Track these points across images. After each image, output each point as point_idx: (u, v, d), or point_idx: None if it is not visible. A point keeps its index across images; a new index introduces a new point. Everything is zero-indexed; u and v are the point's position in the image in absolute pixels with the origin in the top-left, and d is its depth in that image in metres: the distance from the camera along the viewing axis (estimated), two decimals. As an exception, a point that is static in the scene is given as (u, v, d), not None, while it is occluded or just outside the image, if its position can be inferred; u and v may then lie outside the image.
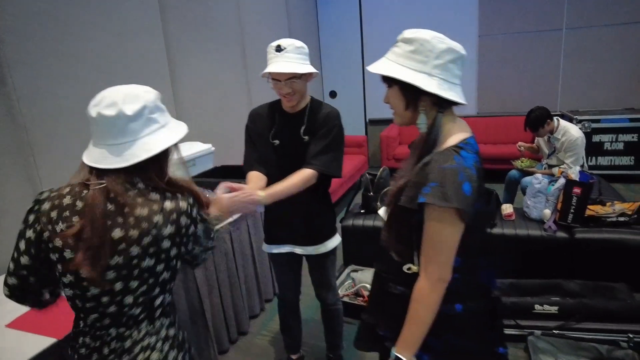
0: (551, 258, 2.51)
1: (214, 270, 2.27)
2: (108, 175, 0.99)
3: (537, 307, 2.28)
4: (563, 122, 3.37)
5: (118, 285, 1.00)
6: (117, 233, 0.96)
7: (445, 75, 1.02)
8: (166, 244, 1.03)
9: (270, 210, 1.87)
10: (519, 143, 3.76)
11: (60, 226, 0.98)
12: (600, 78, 5.13)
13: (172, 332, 1.12)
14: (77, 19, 2.37)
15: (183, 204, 1.05)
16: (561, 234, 2.52)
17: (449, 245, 1.00)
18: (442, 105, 1.03)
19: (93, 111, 1.00)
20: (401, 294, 1.11)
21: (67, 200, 1.01)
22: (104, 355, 1.06)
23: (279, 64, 1.59)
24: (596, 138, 4.78)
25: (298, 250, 1.87)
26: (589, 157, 4.79)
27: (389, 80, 1.06)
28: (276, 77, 1.63)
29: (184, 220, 1.05)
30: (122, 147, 0.99)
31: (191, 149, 2.91)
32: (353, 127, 6.15)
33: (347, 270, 2.93)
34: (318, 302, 2.06)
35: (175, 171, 1.12)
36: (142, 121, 1.00)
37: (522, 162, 3.68)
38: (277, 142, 1.77)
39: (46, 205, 1.02)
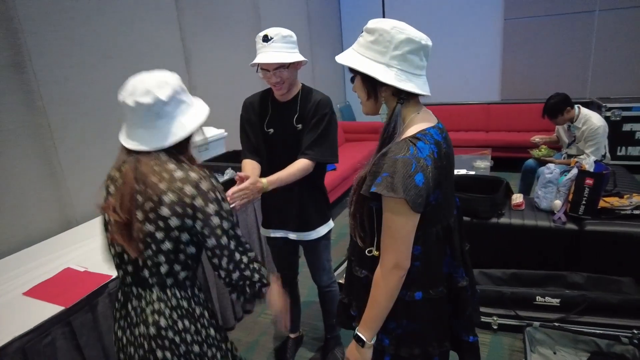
0: (558, 250, 2.46)
1: (219, 251, 2.36)
2: (142, 155, 1.10)
3: (538, 298, 2.26)
4: (585, 110, 3.24)
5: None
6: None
7: (404, 66, 1.01)
8: (165, 211, 1.06)
9: (265, 197, 1.89)
10: (534, 136, 3.65)
11: (107, 197, 1.17)
12: (634, 63, 4.86)
13: (184, 303, 1.17)
14: (93, 7, 2.47)
15: (193, 175, 1.09)
16: (570, 226, 2.46)
17: (402, 234, 1.01)
18: (402, 95, 1.04)
19: (129, 100, 1.07)
20: (364, 277, 1.15)
21: (116, 174, 1.17)
22: (128, 311, 1.21)
23: (266, 55, 1.62)
24: (627, 127, 4.56)
25: (292, 235, 1.92)
26: (619, 147, 4.59)
27: (353, 70, 1.07)
28: (265, 67, 1.66)
29: (188, 189, 1.06)
30: (161, 129, 1.09)
31: (205, 133, 3.00)
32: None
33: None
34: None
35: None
36: (174, 104, 1.10)
37: (539, 151, 3.57)
38: (271, 130, 1.80)
39: (110, 174, 1.20)
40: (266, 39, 1.63)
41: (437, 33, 5.53)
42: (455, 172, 3.78)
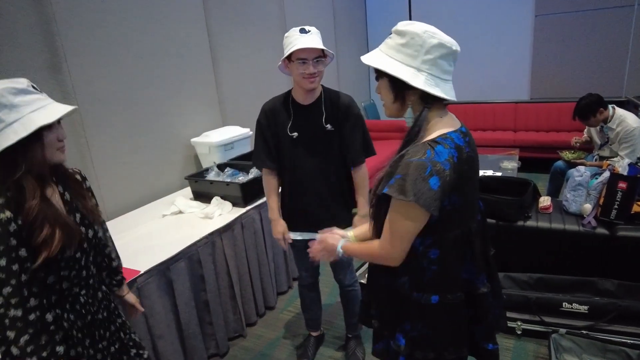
0: (587, 255, 2.39)
1: (243, 248, 2.41)
2: None
3: (565, 304, 2.20)
4: (620, 111, 3.12)
5: None
6: None
7: (433, 71, 1.01)
8: None
9: (291, 199, 1.93)
10: (575, 138, 3.52)
11: None
12: (675, 61, 4.64)
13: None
14: (123, 8, 2.55)
15: None
16: (601, 231, 2.38)
17: (403, 234, 1.04)
18: (429, 100, 1.04)
19: None
20: (383, 278, 1.16)
21: None
22: None
23: (307, 41, 1.62)
24: (665, 128, 4.35)
25: (318, 237, 1.93)
26: (656, 149, 4.40)
27: (379, 72, 1.07)
28: (304, 56, 1.65)
29: None
30: None
31: (230, 132, 3.05)
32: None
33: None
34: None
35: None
36: None
37: (570, 153, 3.47)
38: (295, 134, 1.81)
39: None
40: (304, 30, 1.66)
41: (465, 30, 5.43)
42: (482, 172, 3.75)
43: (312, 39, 1.64)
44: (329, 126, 1.79)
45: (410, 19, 5.72)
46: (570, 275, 2.37)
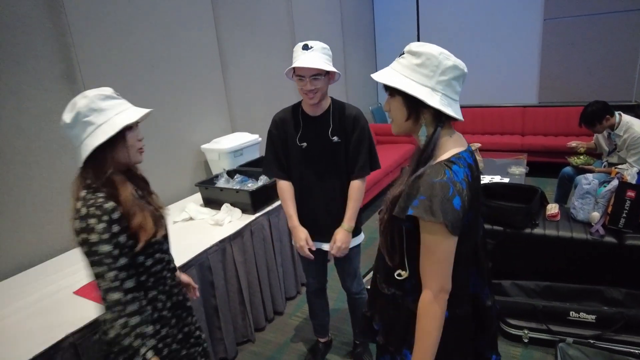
0: (595, 264, 2.39)
1: (252, 254, 2.45)
2: (78, 175, 1.19)
3: (572, 313, 2.21)
4: (626, 117, 3.11)
5: None
6: None
7: (447, 91, 1.04)
8: (77, 238, 1.14)
9: (298, 208, 1.95)
10: (572, 141, 3.52)
11: None
12: (685, 65, 4.61)
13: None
14: (135, 17, 2.60)
15: (83, 210, 1.11)
16: (609, 239, 2.38)
17: (445, 257, 1.02)
18: (441, 119, 1.06)
19: None
20: (391, 295, 1.18)
21: None
22: None
23: (305, 60, 1.66)
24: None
25: (325, 246, 1.97)
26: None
27: (392, 90, 1.08)
28: (301, 73, 1.70)
29: (77, 224, 1.12)
30: (77, 151, 1.16)
31: (239, 139, 3.09)
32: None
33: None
34: (345, 291, 2.16)
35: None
36: (79, 126, 1.13)
37: (578, 158, 3.46)
38: (304, 144, 1.85)
39: None
40: (306, 47, 1.69)
41: (473, 33, 5.43)
42: (489, 178, 3.73)
43: (312, 57, 1.67)
44: (335, 138, 1.83)
45: (418, 24, 5.73)
46: (577, 284, 2.38)
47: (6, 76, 1.97)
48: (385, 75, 1.08)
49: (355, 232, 1.95)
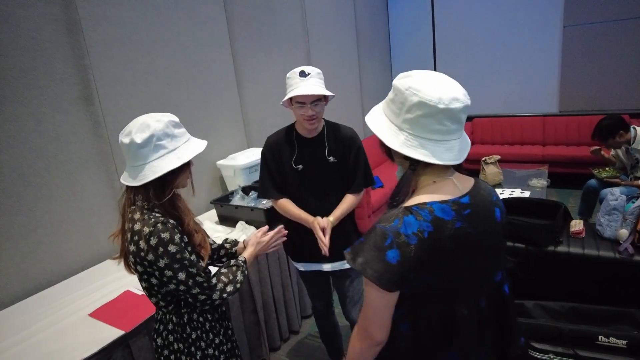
0: (624, 284, 2.28)
1: (267, 273, 2.42)
2: (127, 192, 1.27)
3: (601, 338, 2.10)
4: None
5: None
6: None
7: (416, 131, 0.91)
8: (132, 258, 1.23)
9: (295, 230, 1.89)
10: (593, 148, 3.37)
11: None
12: None
13: (179, 329, 1.34)
14: (151, 38, 2.63)
15: (145, 229, 1.18)
16: (639, 258, 2.28)
17: (374, 306, 0.93)
18: (414, 162, 0.94)
19: (119, 138, 1.23)
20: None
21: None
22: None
23: (307, 87, 1.67)
24: None
25: (325, 267, 1.93)
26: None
27: None
28: (302, 100, 1.71)
29: (142, 244, 1.18)
30: (137, 169, 1.20)
31: (255, 155, 3.09)
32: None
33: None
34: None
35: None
36: (150, 148, 1.19)
37: (603, 171, 3.34)
38: (300, 167, 1.85)
39: None
40: (303, 74, 1.71)
41: (491, 41, 5.35)
42: (509, 192, 3.62)
43: (311, 84, 1.69)
44: (331, 158, 1.84)
45: (434, 33, 5.68)
46: (606, 306, 2.27)
47: (26, 99, 2.01)
48: (372, 111, 1.05)
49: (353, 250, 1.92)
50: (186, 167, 1.28)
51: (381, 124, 0.98)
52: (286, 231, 1.65)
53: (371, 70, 5.62)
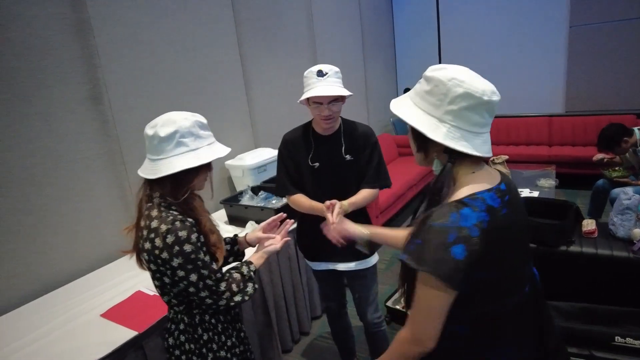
0: (638, 284, 2.26)
1: (278, 274, 2.40)
2: (144, 186, 1.26)
3: (617, 339, 2.08)
4: None
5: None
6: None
7: (458, 123, 0.90)
8: (146, 256, 1.22)
9: (311, 228, 1.88)
10: (597, 155, 3.37)
11: None
12: None
13: (191, 329, 1.31)
14: (159, 38, 2.62)
15: (163, 227, 1.16)
16: (653, 258, 2.25)
17: (429, 309, 0.90)
18: (453, 154, 0.92)
19: (145, 130, 1.23)
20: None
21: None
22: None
23: (324, 88, 1.65)
24: None
25: (340, 267, 1.91)
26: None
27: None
28: (319, 101, 1.69)
29: (158, 242, 1.17)
30: (156, 163, 1.19)
31: (262, 155, 3.07)
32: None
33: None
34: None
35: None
36: (173, 143, 1.17)
37: (613, 171, 3.32)
38: (316, 164, 1.83)
39: None
40: (321, 73, 1.68)
41: (496, 42, 5.33)
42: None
43: (328, 83, 1.67)
44: (348, 156, 1.82)
45: (439, 33, 5.67)
46: (619, 306, 2.24)
47: (36, 99, 2.00)
48: (397, 103, 1.01)
49: (369, 249, 1.89)
50: (204, 169, 1.25)
51: (418, 117, 0.94)
52: (285, 214, 1.62)
53: (376, 73, 5.61)
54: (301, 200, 1.87)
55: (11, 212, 1.92)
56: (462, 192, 0.92)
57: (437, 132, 0.91)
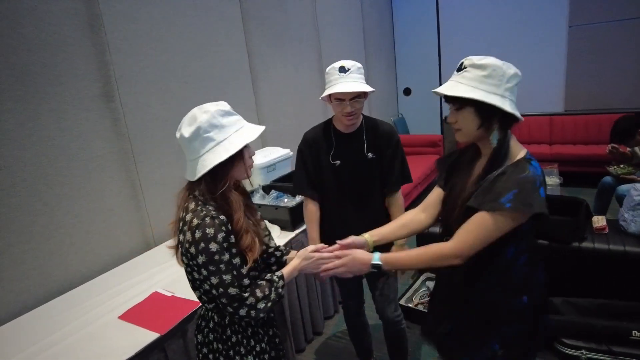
0: (652, 279, 2.28)
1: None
2: (187, 185, 1.24)
3: (635, 333, 2.09)
4: None
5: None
6: None
7: (512, 97, 1.14)
8: (181, 249, 1.21)
9: (332, 226, 1.88)
10: (611, 145, 3.37)
11: None
12: None
13: (219, 329, 1.28)
14: (170, 35, 2.58)
15: (194, 221, 1.14)
16: (666, 253, 2.28)
17: (485, 239, 1.13)
18: (510, 124, 1.15)
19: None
20: (469, 298, 1.27)
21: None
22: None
23: (346, 84, 1.63)
24: None
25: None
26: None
27: (460, 102, 1.15)
28: (341, 97, 1.66)
29: (188, 235, 1.14)
30: (193, 164, 1.18)
31: (271, 154, 3.04)
32: (427, 126, 6.00)
33: (422, 278, 2.90)
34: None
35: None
36: (199, 141, 1.15)
37: (619, 168, 3.34)
38: (337, 162, 1.81)
39: None
40: (343, 69, 1.66)
41: (496, 41, 5.37)
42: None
43: (351, 79, 1.65)
44: (370, 154, 1.80)
45: (438, 32, 5.69)
46: (634, 301, 2.26)
47: (48, 95, 1.95)
48: (457, 88, 1.15)
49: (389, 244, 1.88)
50: (237, 157, 1.18)
51: (487, 96, 1.11)
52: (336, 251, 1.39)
53: (378, 71, 5.61)
54: (311, 218, 1.88)
55: (24, 212, 1.87)
56: (520, 153, 1.16)
57: (506, 105, 1.11)
